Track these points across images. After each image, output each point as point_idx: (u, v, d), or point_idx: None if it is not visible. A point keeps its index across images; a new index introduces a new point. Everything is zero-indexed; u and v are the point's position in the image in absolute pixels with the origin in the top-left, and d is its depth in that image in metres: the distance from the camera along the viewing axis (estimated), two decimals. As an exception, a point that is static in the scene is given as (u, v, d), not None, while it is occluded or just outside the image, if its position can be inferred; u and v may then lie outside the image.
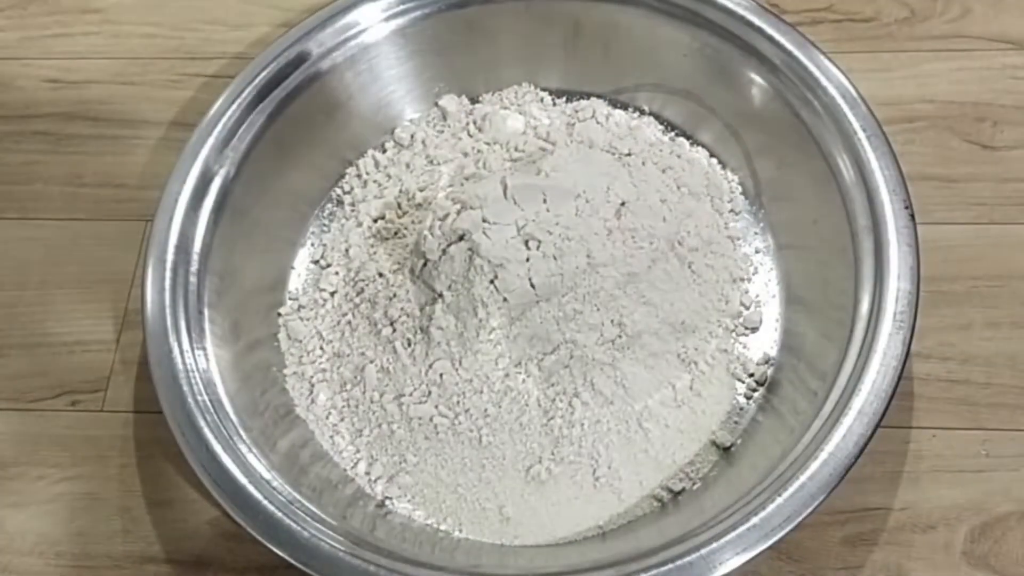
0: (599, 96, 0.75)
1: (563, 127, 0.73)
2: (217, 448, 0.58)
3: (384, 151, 0.75)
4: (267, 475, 0.58)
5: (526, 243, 0.61)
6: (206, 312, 0.64)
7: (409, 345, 0.64)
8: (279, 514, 0.56)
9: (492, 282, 0.61)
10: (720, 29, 0.68)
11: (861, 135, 0.63)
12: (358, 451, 0.65)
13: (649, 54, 0.72)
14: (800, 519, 0.54)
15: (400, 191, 0.72)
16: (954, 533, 0.61)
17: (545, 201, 0.63)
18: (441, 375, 0.63)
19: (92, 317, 0.72)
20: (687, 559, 0.53)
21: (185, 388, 0.60)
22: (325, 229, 0.73)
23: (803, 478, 0.54)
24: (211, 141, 0.67)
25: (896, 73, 0.75)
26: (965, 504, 0.62)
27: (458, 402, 0.62)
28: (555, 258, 0.61)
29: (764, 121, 0.68)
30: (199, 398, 0.60)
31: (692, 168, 0.71)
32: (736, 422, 0.64)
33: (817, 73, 0.65)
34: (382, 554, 0.56)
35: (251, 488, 0.57)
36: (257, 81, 0.69)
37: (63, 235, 0.75)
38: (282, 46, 0.70)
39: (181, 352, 0.61)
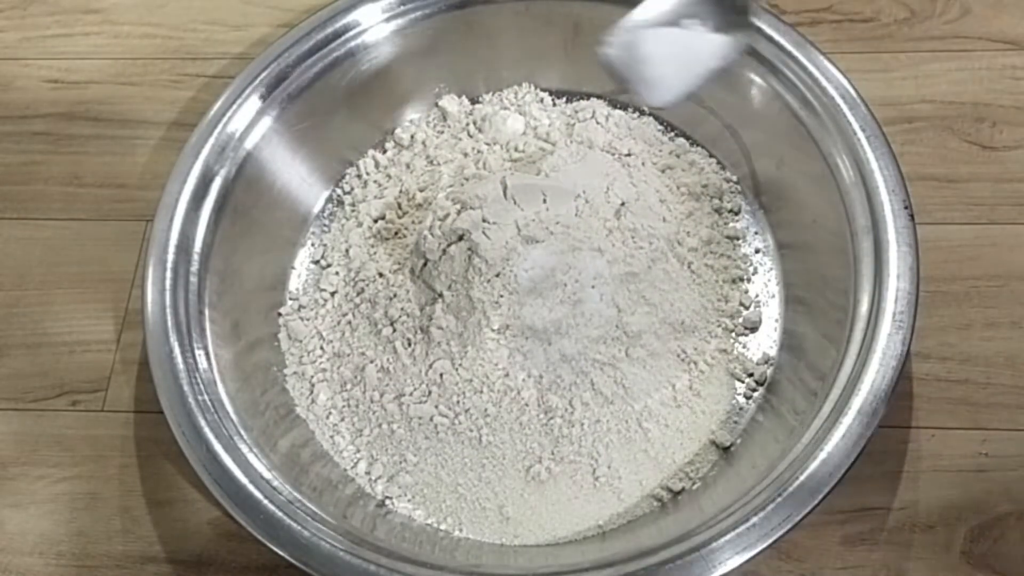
0: (599, 96, 0.75)
1: (563, 127, 0.73)
2: (217, 448, 0.58)
3: (384, 151, 0.75)
4: (267, 475, 0.58)
5: (526, 243, 0.61)
6: (206, 312, 0.64)
7: (409, 345, 0.64)
8: (279, 514, 0.56)
9: (491, 282, 0.61)
10: (720, 29, 0.68)
11: (860, 135, 0.63)
12: (358, 451, 0.65)
13: (649, 54, 0.72)
14: (800, 519, 0.54)
15: (400, 191, 0.72)
16: (953, 533, 0.61)
17: (545, 201, 0.63)
18: (441, 375, 0.63)
19: (92, 317, 0.72)
20: (687, 559, 0.53)
21: (185, 388, 0.60)
22: (325, 229, 0.73)
23: (803, 478, 0.54)
24: (211, 141, 0.67)
25: (896, 73, 0.75)
26: (964, 504, 0.62)
27: (458, 402, 0.62)
28: (554, 258, 0.61)
29: (764, 121, 0.68)
30: (199, 398, 0.60)
31: (692, 168, 0.71)
32: (736, 422, 0.64)
33: (817, 73, 0.65)
34: (382, 553, 0.56)
35: (251, 488, 0.57)
36: (257, 81, 0.69)
37: (63, 235, 0.75)
38: (282, 46, 0.70)
39: (181, 352, 0.61)
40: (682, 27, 0.55)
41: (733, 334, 0.66)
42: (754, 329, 0.67)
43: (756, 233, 0.70)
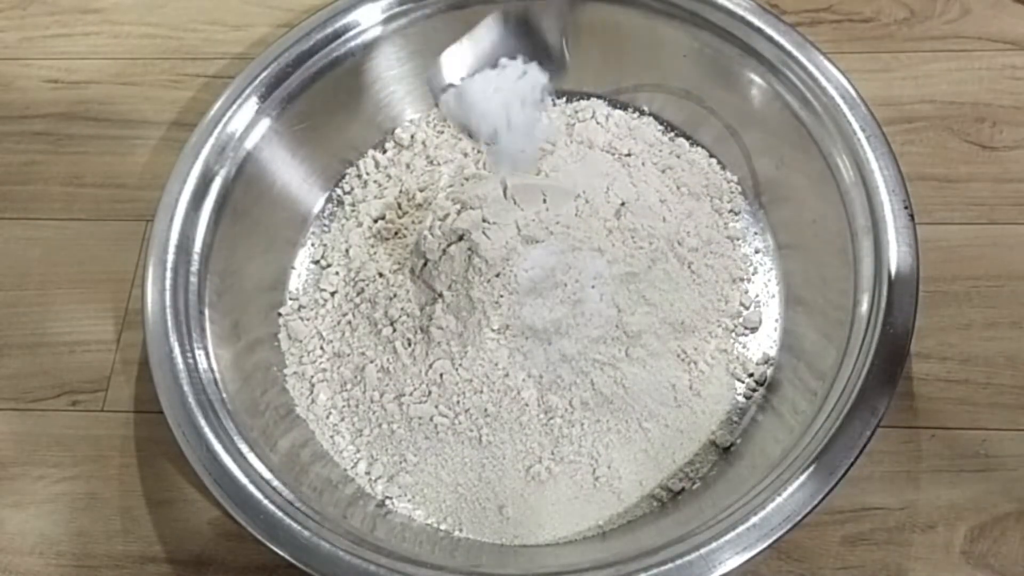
0: (599, 96, 0.75)
1: (563, 127, 0.73)
2: (217, 448, 0.58)
3: (384, 151, 0.75)
4: (267, 475, 0.58)
5: (526, 243, 0.62)
6: (206, 312, 0.64)
7: (409, 345, 0.64)
8: (279, 514, 0.56)
9: (491, 282, 0.61)
10: (720, 29, 0.68)
11: (860, 135, 0.63)
12: (358, 451, 0.65)
13: (649, 54, 0.72)
14: (800, 519, 0.54)
15: (400, 191, 0.72)
16: (953, 533, 0.61)
17: (545, 201, 0.63)
18: (441, 375, 0.63)
19: (92, 317, 0.72)
20: (687, 559, 0.53)
21: (185, 388, 0.60)
22: (325, 229, 0.73)
23: (803, 478, 0.54)
24: (211, 141, 0.67)
25: (896, 73, 0.75)
26: (965, 504, 0.62)
27: (458, 402, 0.62)
28: (554, 258, 0.61)
29: (764, 121, 0.68)
30: (199, 398, 0.60)
31: (692, 168, 0.71)
32: (736, 422, 0.64)
33: (817, 73, 0.65)
34: (382, 553, 0.56)
35: (251, 488, 0.57)
36: (257, 81, 0.69)
37: (63, 235, 0.75)
38: (282, 46, 0.70)
39: (181, 352, 0.61)
40: (499, 67, 0.59)
41: (733, 334, 0.66)
42: (754, 329, 0.67)
43: (756, 233, 0.70)
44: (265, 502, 0.57)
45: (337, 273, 0.70)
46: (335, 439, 0.65)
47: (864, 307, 0.59)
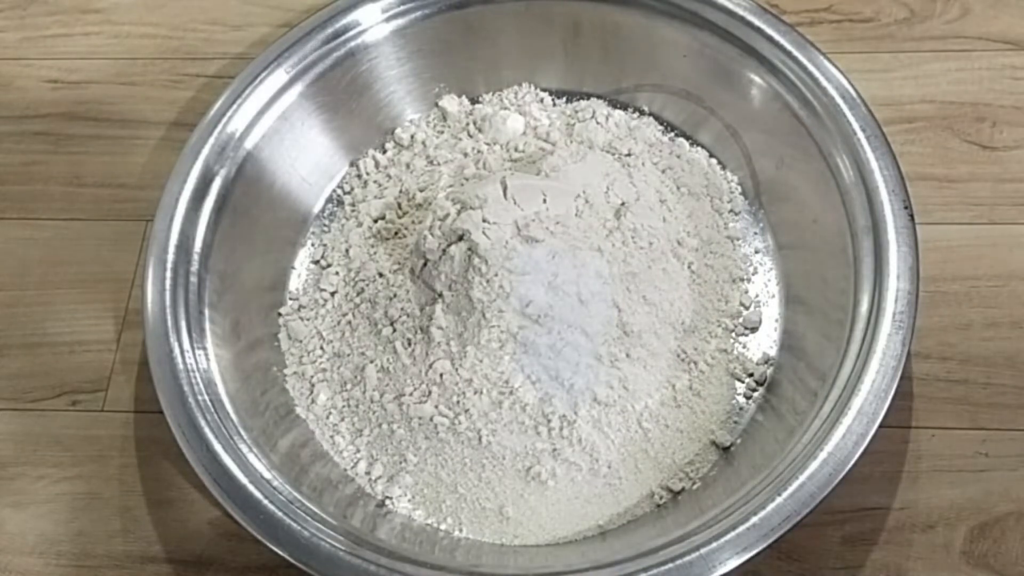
0: (599, 96, 0.75)
1: (563, 127, 0.73)
2: (217, 448, 0.58)
3: (384, 151, 0.75)
4: (267, 475, 0.58)
5: (526, 243, 0.61)
6: (206, 312, 0.64)
7: (409, 345, 0.64)
8: (279, 514, 0.56)
9: (491, 282, 0.61)
10: (720, 29, 0.68)
11: (860, 135, 0.63)
12: (358, 451, 0.65)
13: (649, 54, 0.72)
14: (799, 519, 0.54)
15: (400, 191, 0.72)
16: (953, 533, 0.61)
17: (545, 201, 0.63)
18: (441, 375, 0.63)
19: (92, 317, 0.72)
20: (687, 559, 0.53)
21: (185, 388, 0.60)
22: (325, 229, 0.73)
23: (803, 478, 0.54)
24: (211, 141, 0.67)
25: (896, 73, 0.75)
26: (964, 504, 0.62)
27: (458, 402, 0.62)
28: (554, 258, 0.61)
29: (764, 121, 0.68)
30: (199, 398, 0.60)
31: (692, 168, 0.71)
32: (736, 422, 0.64)
33: (817, 73, 0.65)
34: (382, 554, 0.56)
35: (251, 488, 0.57)
36: (257, 81, 0.69)
37: (63, 235, 0.75)
38: (282, 46, 0.70)
39: (181, 352, 0.61)
40: None
41: (733, 334, 0.66)
42: (754, 329, 0.67)
43: (756, 233, 0.70)
44: (265, 502, 0.57)
45: (337, 273, 0.70)
46: (335, 439, 0.65)
47: (864, 307, 0.59)
